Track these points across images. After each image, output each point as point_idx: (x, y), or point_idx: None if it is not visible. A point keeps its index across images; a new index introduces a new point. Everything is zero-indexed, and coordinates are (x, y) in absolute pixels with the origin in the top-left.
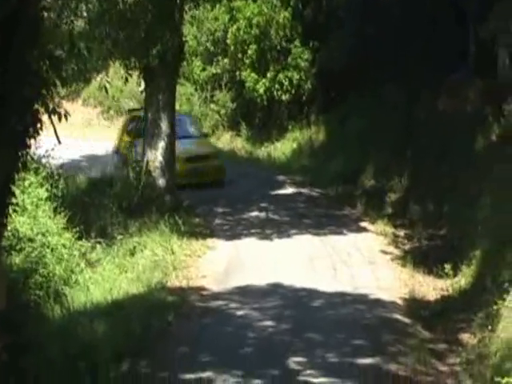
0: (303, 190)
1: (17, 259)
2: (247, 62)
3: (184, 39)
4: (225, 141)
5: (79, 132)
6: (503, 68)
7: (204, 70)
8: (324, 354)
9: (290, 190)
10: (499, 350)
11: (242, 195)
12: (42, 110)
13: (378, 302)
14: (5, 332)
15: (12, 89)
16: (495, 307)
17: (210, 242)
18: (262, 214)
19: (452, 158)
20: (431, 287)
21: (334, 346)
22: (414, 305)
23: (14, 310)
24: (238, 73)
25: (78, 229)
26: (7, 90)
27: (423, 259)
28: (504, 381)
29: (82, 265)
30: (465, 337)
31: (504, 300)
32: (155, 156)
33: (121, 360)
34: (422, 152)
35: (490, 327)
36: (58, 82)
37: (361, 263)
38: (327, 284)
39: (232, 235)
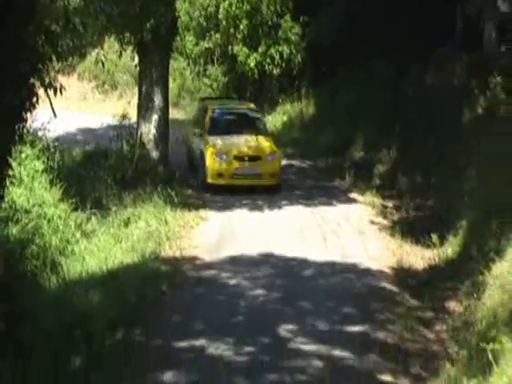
0: (294, 162)
1: (13, 230)
2: (239, 36)
3: (177, 14)
4: None
5: (75, 106)
6: (489, 41)
7: (197, 44)
8: (314, 322)
9: None
10: (485, 318)
11: None
12: (38, 84)
13: (367, 271)
14: (2, 301)
15: (8, 63)
16: (481, 276)
17: (202, 213)
18: None
19: (439, 131)
20: (419, 257)
21: (323, 314)
22: (402, 274)
23: (10, 280)
24: (229, 47)
25: (73, 200)
26: (3, 64)
27: (411, 229)
28: (489, 347)
29: (78, 235)
30: (451, 305)
31: (490, 269)
32: (149, 129)
33: (115, 329)
34: (410, 125)
35: (475, 295)
36: (53, 57)
37: (350, 233)
38: (317, 254)
39: (224, 206)
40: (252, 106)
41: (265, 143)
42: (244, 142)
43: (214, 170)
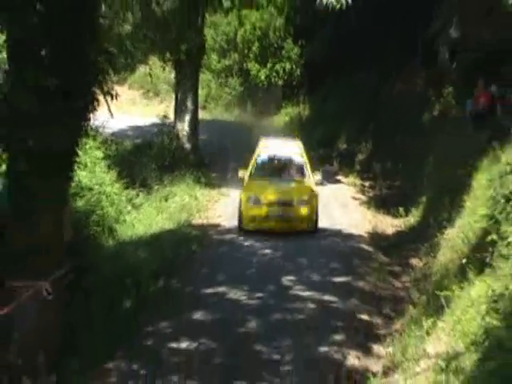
0: None
1: (80, 203)
2: (252, 55)
3: (204, 39)
4: (235, 115)
5: (126, 109)
6: (443, 60)
7: (219, 61)
8: (309, 274)
9: None
10: (439, 271)
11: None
12: (98, 91)
13: (350, 236)
14: (71, 258)
15: (77, 76)
16: (436, 239)
17: (224, 190)
18: None
19: (405, 129)
20: (389, 224)
21: (316, 268)
22: (376, 237)
23: (78, 241)
24: (244, 64)
25: (125, 181)
26: (74, 76)
27: (383, 203)
28: (442, 294)
29: (129, 207)
30: (414, 261)
31: (443, 233)
32: (183, 126)
33: (157, 278)
34: (382, 124)
35: (432, 254)
36: (110, 71)
37: (337, 206)
38: None
39: (241, 185)
40: (301, 146)
41: (300, 190)
42: (280, 188)
43: (247, 214)
